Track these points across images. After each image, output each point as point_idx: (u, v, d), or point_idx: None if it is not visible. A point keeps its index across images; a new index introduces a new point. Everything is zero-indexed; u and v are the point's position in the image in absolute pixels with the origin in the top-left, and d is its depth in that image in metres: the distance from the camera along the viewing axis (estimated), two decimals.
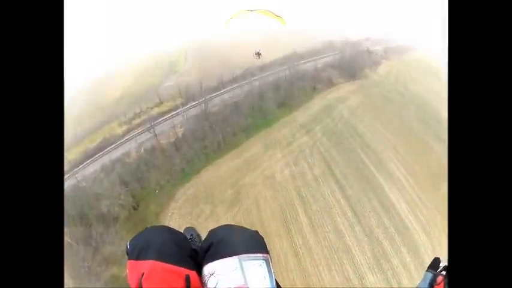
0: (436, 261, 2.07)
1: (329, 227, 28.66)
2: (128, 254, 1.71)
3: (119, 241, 28.83)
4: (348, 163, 33.71)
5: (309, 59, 53.29)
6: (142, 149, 39.90)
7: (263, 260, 1.65)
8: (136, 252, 1.65)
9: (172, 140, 40.80)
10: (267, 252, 1.73)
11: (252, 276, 1.55)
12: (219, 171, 35.37)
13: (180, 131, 42.34)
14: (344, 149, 35.70)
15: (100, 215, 31.29)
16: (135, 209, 32.67)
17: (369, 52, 54.01)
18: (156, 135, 41.07)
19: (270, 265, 1.66)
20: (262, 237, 1.83)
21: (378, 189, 31.23)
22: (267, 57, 46.25)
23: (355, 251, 27.01)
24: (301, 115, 41.53)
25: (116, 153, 40.90)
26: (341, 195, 30.59)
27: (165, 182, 35.16)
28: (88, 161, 39.21)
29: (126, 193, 33.10)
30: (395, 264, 26.61)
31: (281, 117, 41.23)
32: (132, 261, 1.64)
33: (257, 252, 1.66)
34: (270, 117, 41.63)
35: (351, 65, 49.92)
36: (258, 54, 22.10)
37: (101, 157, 40.68)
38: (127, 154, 39.94)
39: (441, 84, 46.60)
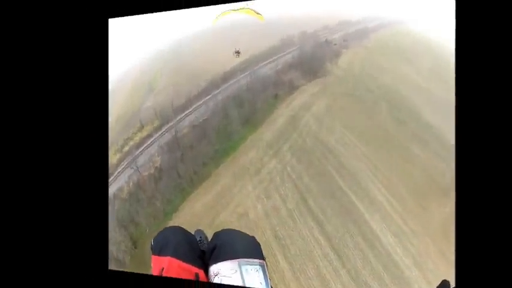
0: (444, 285, 1.82)
1: (311, 272, 25.51)
2: (151, 249, 1.84)
3: None
4: (323, 191, 29.93)
5: (268, 60, 48.59)
6: (131, 184, 36.61)
7: (259, 265, 1.68)
8: (158, 248, 1.78)
9: (152, 171, 37.65)
10: (263, 258, 1.76)
11: (249, 280, 1.60)
12: (194, 208, 31.78)
13: (157, 161, 38.80)
14: (317, 172, 31.81)
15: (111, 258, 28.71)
16: (134, 249, 29.82)
17: (327, 43, 49.69)
18: (138, 168, 37.28)
19: (266, 272, 1.68)
20: (259, 244, 1.89)
21: (360, 221, 27.88)
22: (229, 64, 41.36)
23: None
24: (267, 131, 37.20)
25: (113, 188, 37.93)
26: (320, 233, 27.14)
27: (151, 220, 32.03)
28: None
29: (125, 238, 30.26)
30: None
31: (247, 136, 37.16)
32: (155, 256, 1.77)
33: (254, 258, 1.70)
34: (236, 137, 37.53)
35: (311, 62, 45.66)
36: (238, 52, 21.59)
37: None
38: (121, 189, 36.66)
39: (411, 68, 43.45)
